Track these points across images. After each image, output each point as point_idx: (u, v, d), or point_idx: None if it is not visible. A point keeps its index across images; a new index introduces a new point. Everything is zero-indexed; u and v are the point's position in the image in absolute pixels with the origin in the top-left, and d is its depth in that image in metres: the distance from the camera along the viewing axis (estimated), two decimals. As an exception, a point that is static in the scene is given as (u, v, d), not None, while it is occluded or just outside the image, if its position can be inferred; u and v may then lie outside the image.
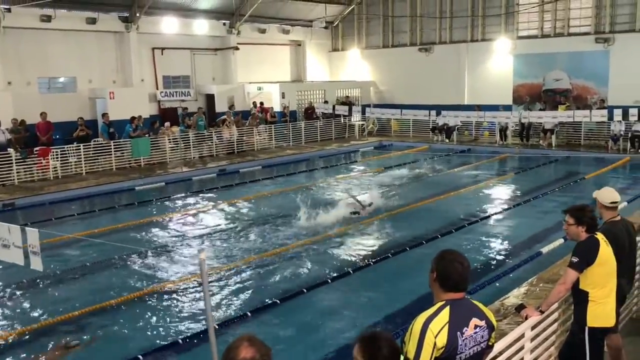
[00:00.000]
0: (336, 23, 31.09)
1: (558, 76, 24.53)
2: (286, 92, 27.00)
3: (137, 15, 22.72)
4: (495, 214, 13.27)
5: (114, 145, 19.31)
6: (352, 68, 30.85)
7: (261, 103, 25.56)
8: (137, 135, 19.93)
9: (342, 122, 26.73)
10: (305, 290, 8.64)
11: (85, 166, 18.58)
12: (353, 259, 10.31)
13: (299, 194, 15.97)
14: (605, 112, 21.24)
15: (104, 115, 20.14)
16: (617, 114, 20.64)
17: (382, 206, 14.00)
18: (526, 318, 4.78)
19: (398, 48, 29.27)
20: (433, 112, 24.62)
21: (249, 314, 7.91)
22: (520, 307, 5.01)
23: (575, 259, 4.65)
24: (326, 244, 11.18)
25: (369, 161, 21.83)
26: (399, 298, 8.42)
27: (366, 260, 10.07)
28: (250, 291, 8.91)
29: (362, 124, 27.14)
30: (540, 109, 23.93)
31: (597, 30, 23.65)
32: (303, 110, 27.02)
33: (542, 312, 4.87)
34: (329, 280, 9.05)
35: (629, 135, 20.37)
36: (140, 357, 6.79)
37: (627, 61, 22.65)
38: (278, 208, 14.35)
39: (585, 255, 4.63)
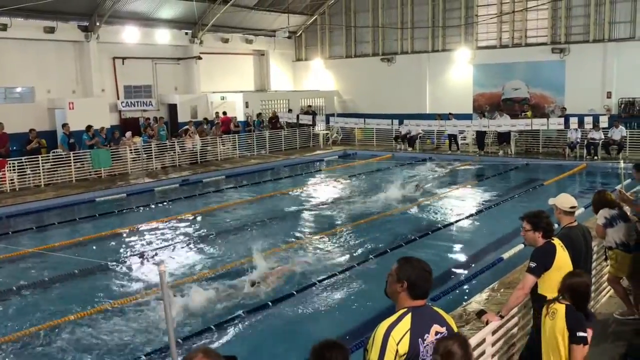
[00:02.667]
0: (299, 33, 31.22)
1: (516, 85, 25.15)
2: (250, 101, 26.93)
3: (97, 24, 22.37)
4: (457, 221, 13.42)
5: (73, 156, 18.91)
6: (316, 78, 30.99)
7: (224, 113, 25.43)
8: (93, 143, 19.56)
9: (307, 131, 26.78)
10: (270, 303, 8.57)
11: (44, 178, 18.15)
12: (318, 269, 10.24)
13: (263, 204, 15.94)
14: (562, 120, 21.83)
15: (64, 125, 19.72)
16: (573, 122, 21.22)
17: (349, 214, 14.12)
18: (487, 323, 4.85)
19: (361, 58, 29.55)
20: (396, 121, 24.91)
21: (213, 327, 7.81)
22: (481, 313, 5.08)
23: (532, 264, 4.75)
24: (291, 254, 11.14)
25: (334, 170, 21.90)
26: (364, 309, 8.43)
27: (333, 271, 10.01)
28: (213, 303, 8.79)
29: (326, 133, 27.25)
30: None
31: (553, 40, 24.34)
32: (267, 119, 26.90)
33: (502, 317, 4.96)
34: (294, 293, 8.98)
35: (585, 142, 20.95)
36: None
37: (582, 71, 23.39)
38: (242, 218, 14.27)
39: (543, 261, 4.74)
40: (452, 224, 13.17)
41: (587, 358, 4.37)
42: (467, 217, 13.76)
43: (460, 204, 15.41)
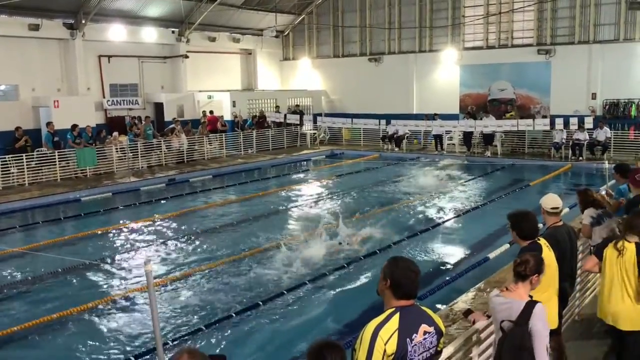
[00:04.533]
0: (287, 32, 31.17)
1: (502, 86, 25.31)
2: (237, 100, 26.85)
3: (83, 22, 22.17)
4: (444, 221, 13.46)
5: (58, 155, 18.73)
6: (303, 77, 30.96)
7: (211, 112, 25.32)
8: (77, 143, 19.38)
9: (294, 131, 26.76)
10: (261, 303, 8.52)
11: (28, 177, 17.95)
12: (309, 269, 10.21)
13: (249, 203, 15.90)
14: (547, 121, 22.01)
15: (49, 124, 19.51)
16: (559, 122, 21.40)
17: (336, 213, 14.15)
18: (474, 323, 4.87)
19: (348, 58, 29.58)
20: (383, 122, 24.96)
21: (204, 327, 7.74)
22: (467, 312, 5.10)
23: None
24: (280, 253, 11.11)
25: (321, 170, 21.90)
26: (352, 307, 8.42)
27: (322, 270, 9.98)
28: (203, 303, 8.73)
29: (314, 133, 27.23)
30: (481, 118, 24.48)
31: (539, 42, 24.53)
32: (253, 118, 26.80)
33: (489, 316, 4.97)
34: (285, 292, 8.95)
35: (570, 143, 21.13)
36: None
37: (567, 72, 23.59)
38: (228, 218, 14.22)
39: None
40: (439, 224, 13.20)
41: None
42: (453, 217, 13.81)
43: (447, 204, 15.45)
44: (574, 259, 5.79)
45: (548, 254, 4.85)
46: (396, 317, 3.31)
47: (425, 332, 3.36)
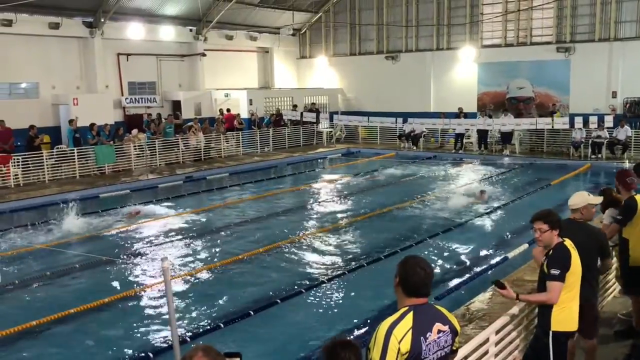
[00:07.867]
0: (304, 30, 31.17)
1: (521, 84, 25.05)
2: (254, 98, 26.91)
3: (102, 20, 22.37)
4: (465, 221, 13.25)
5: (77, 152, 18.92)
6: (320, 75, 30.94)
7: (228, 110, 25.42)
8: (95, 142, 19.56)
9: (310, 129, 26.77)
10: (279, 301, 8.48)
11: (48, 174, 18.17)
12: (325, 267, 10.21)
13: (266, 201, 15.93)
14: (566, 119, 21.75)
15: (71, 121, 19.66)
16: (578, 121, 21.14)
17: (352, 212, 14.12)
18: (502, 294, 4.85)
19: (365, 56, 29.50)
20: (400, 120, 24.86)
21: (222, 325, 7.74)
22: (500, 284, 5.02)
23: (556, 272, 4.65)
24: (298, 249, 11.12)
25: (337, 168, 21.88)
26: (369, 307, 8.39)
27: (340, 269, 9.96)
28: (221, 301, 8.76)
29: (330, 131, 27.21)
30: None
31: (558, 39, 24.25)
32: (271, 116, 26.86)
33: (518, 299, 4.95)
34: (303, 290, 8.92)
35: (590, 142, 20.86)
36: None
37: (587, 70, 23.29)
38: (245, 215, 14.27)
39: (565, 264, 4.67)
40: (458, 224, 12.98)
41: None
42: (472, 217, 13.64)
43: (466, 203, 15.30)
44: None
45: (575, 254, 4.78)
46: (410, 316, 3.29)
47: (439, 331, 3.33)
